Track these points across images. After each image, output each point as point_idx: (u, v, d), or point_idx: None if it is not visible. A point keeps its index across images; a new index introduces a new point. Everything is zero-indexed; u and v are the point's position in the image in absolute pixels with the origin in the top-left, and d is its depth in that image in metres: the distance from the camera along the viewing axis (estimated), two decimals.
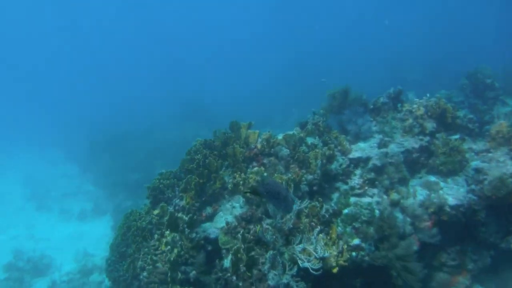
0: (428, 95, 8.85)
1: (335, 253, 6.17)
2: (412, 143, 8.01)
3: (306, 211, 6.48)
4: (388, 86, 8.99)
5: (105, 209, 19.81)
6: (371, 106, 9.10)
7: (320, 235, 6.26)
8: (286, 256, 6.09)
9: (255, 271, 6.04)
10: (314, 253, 5.77)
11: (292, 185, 6.77)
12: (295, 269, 5.85)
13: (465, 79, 12.03)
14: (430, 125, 8.26)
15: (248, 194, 6.88)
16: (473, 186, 7.49)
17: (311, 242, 5.87)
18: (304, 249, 6.00)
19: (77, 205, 21.40)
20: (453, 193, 7.47)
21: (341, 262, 6.16)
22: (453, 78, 12.91)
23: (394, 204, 7.15)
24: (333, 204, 7.00)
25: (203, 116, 26.87)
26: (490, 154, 7.96)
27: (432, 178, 7.81)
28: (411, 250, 6.37)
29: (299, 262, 5.81)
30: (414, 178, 8.02)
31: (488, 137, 8.25)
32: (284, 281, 5.89)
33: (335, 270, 6.07)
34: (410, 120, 8.31)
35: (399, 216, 7.04)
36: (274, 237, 6.19)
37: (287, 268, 5.91)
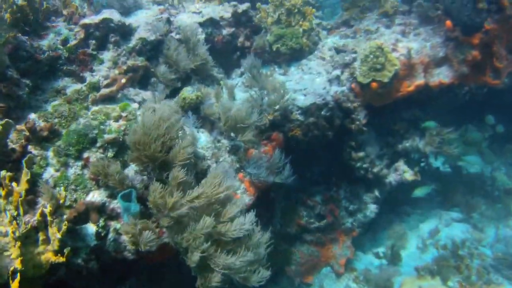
0: None
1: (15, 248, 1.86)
2: (218, 10, 4.12)
3: None
4: None
5: None
6: None
7: None
8: None
9: None
10: None
11: None
12: None
13: None
14: None
15: None
16: (337, 72, 3.97)
17: None
18: None
19: None
20: (303, 87, 3.83)
21: (51, 259, 1.93)
22: None
23: (189, 106, 3.12)
24: (34, 116, 2.61)
25: None
26: (352, 28, 4.59)
27: (265, 70, 4.05)
28: (233, 211, 2.37)
29: None
30: (233, 78, 4.21)
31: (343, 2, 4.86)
32: None
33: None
34: None
35: (202, 137, 3.04)
36: None
37: None
